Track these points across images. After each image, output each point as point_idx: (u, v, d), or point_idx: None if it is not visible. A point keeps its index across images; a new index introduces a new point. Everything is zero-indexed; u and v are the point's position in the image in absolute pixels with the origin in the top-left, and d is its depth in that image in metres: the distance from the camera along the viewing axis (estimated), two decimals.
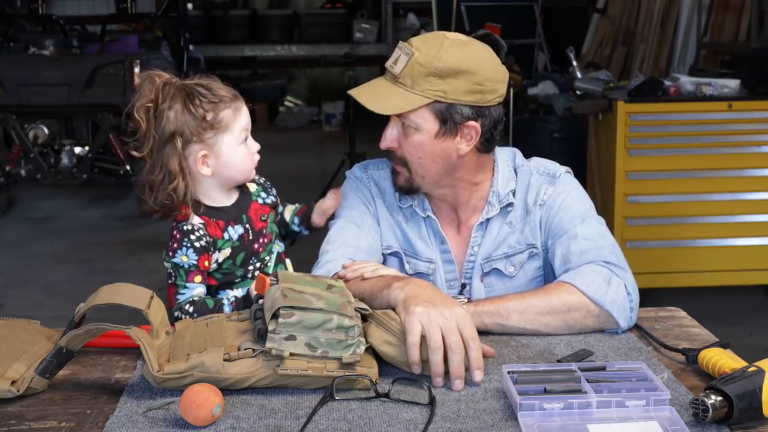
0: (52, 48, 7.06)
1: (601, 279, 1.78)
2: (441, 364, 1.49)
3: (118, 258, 5.78)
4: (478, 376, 1.51)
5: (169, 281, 1.81)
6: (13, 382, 1.46)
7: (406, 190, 1.95)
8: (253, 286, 1.75)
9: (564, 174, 1.98)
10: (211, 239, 1.81)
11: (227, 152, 1.80)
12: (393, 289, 1.64)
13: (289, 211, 2.02)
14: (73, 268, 5.57)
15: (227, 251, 1.83)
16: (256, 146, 1.87)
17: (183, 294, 1.78)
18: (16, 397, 1.46)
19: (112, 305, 1.53)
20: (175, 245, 1.79)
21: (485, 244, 1.97)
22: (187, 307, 1.76)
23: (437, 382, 1.50)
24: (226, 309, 1.77)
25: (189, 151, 1.79)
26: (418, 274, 1.98)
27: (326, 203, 1.99)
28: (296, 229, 2.02)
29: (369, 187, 2.02)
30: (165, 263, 1.81)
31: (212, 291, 1.85)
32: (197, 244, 1.79)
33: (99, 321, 1.50)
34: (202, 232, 1.80)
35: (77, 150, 6.72)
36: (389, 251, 2.00)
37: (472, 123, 1.85)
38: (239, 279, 1.86)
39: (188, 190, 1.80)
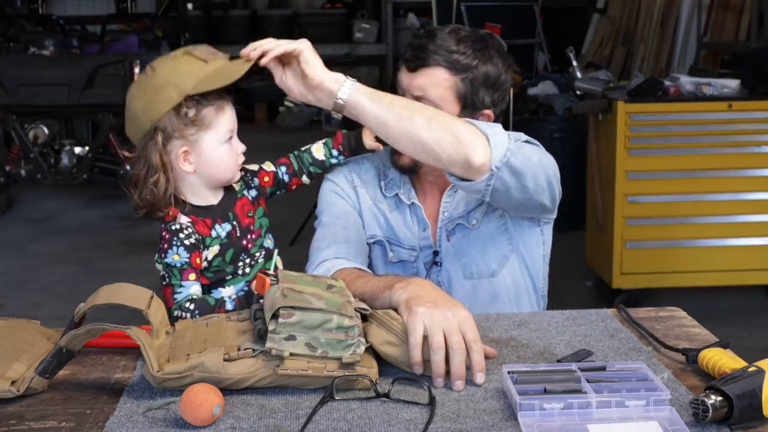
0: (52, 48, 7.06)
1: (497, 129, 1.74)
2: (443, 364, 1.49)
3: (118, 258, 5.78)
4: (480, 378, 1.51)
5: (163, 283, 1.81)
6: (13, 382, 1.46)
7: (408, 169, 1.99)
8: (254, 284, 1.75)
9: (523, 141, 1.92)
10: (200, 237, 1.82)
11: (209, 150, 1.81)
12: (395, 290, 1.64)
13: (318, 150, 2.04)
14: (73, 268, 5.57)
15: (216, 248, 1.84)
16: (242, 147, 1.86)
17: (180, 293, 1.79)
18: (16, 397, 1.46)
19: (112, 305, 1.53)
20: (166, 245, 1.80)
21: (451, 209, 2.01)
22: (187, 305, 1.76)
23: (438, 382, 1.50)
24: (229, 306, 1.78)
25: (170, 146, 1.80)
26: (401, 263, 2.02)
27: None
28: (334, 161, 2.05)
29: (350, 180, 2.06)
30: (157, 265, 1.81)
31: (204, 290, 1.85)
32: (187, 242, 1.79)
33: (99, 321, 1.50)
34: (190, 230, 1.81)
35: (77, 150, 6.72)
36: (372, 240, 2.03)
37: (488, 111, 1.92)
38: (230, 276, 1.87)
39: (170, 185, 1.81)
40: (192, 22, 9.52)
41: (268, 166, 2.00)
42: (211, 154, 1.81)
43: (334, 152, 2.05)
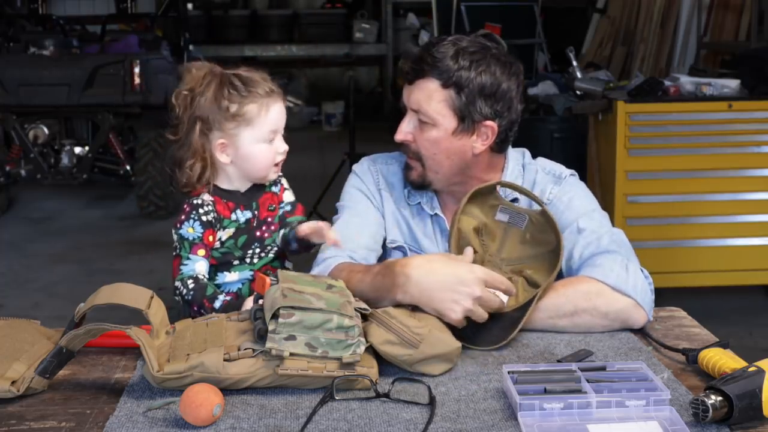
0: (52, 48, 7.05)
1: (618, 267, 1.78)
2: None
3: (118, 258, 5.79)
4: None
5: (174, 252, 1.85)
6: (13, 382, 1.46)
7: (418, 185, 1.97)
8: (248, 301, 1.77)
9: (569, 176, 1.99)
10: (218, 216, 1.85)
11: (246, 146, 1.83)
12: (397, 297, 1.68)
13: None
14: (73, 268, 5.57)
15: (231, 231, 1.87)
16: (284, 147, 1.87)
17: (186, 265, 1.82)
18: (16, 397, 1.46)
19: (112, 305, 1.54)
20: (183, 217, 1.84)
21: None
22: (189, 282, 1.80)
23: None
24: (216, 304, 1.78)
25: (211, 136, 1.84)
26: None
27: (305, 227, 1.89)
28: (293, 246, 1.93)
29: (376, 181, 2.04)
30: (173, 235, 1.86)
31: (210, 271, 1.88)
32: (204, 218, 1.83)
33: (99, 321, 1.50)
34: (210, 207, 1.85)
35: (77, 150, 6.72)
36: (394, 245, 2.01)
37: (489, 123, 1.88)
38: (237, 261, 1.89)
39: (206, 171, 1.85)
40: (192, 22, 9.49)
41: (287, 200, 1.96)
42: (248, 150, 1.84)
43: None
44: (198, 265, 1.82)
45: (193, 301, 1.79)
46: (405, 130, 1.92)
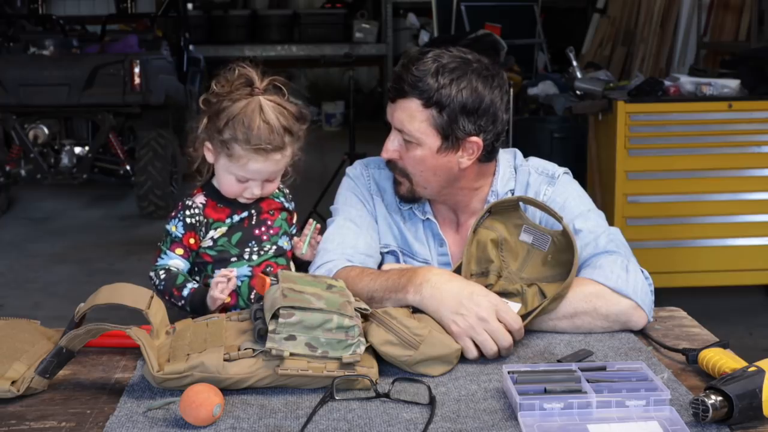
0: (52, 48, 7.05)
1: (618, 268, 1.78)
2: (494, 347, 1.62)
3: (118, 258, 5.78)
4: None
5: (158, 243, 1.90)
6: (13, 382, 1.46)
7: (409, 199, 1.97)
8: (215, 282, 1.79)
9: (562, 175, 1.98)
10: (204, 220, 1.87)
11: (218, 167, 1.88)
12: (408, 294, 1.69)
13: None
14: (73, 268, 5.57)
15: (223, 229, 1.89)
16: (255, 194, 1.87)
17: (162, 259, 1.87)
18: (16, 397, 1.46)
19: (112, 305, 1.54)
20: (173, 213, 1.89)
21: None
22: (161, 272, 1.85)
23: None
24: (184, 292, 1.81)
25: (205, 133, 1.87)
26: None
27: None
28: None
29: (368, 185, 2.03)
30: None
31: (208, 268, 1.89)
32: (188, 220, 1.87)
33: (99, 321, 1.50)
34: (197, 210, 1.88)
35: (77, 150, 6.72)
36: (386, 250, 2.00)
37: (474, 138, 1.86)
38: (235, 258, 1.89)
39: (196, 158, 1.91)
40: (192, 22, 9.49)
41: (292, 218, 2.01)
42: (219, 172, 1.88)
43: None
44: (173, 262, 1.86)
45: (164, 290, 1.83)
46: (391, 149, 1.91)
